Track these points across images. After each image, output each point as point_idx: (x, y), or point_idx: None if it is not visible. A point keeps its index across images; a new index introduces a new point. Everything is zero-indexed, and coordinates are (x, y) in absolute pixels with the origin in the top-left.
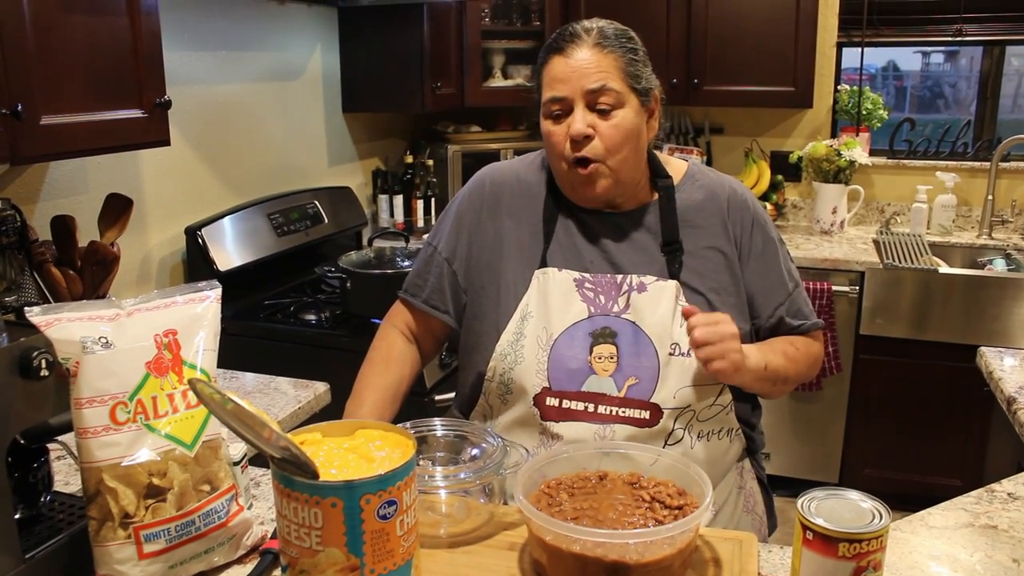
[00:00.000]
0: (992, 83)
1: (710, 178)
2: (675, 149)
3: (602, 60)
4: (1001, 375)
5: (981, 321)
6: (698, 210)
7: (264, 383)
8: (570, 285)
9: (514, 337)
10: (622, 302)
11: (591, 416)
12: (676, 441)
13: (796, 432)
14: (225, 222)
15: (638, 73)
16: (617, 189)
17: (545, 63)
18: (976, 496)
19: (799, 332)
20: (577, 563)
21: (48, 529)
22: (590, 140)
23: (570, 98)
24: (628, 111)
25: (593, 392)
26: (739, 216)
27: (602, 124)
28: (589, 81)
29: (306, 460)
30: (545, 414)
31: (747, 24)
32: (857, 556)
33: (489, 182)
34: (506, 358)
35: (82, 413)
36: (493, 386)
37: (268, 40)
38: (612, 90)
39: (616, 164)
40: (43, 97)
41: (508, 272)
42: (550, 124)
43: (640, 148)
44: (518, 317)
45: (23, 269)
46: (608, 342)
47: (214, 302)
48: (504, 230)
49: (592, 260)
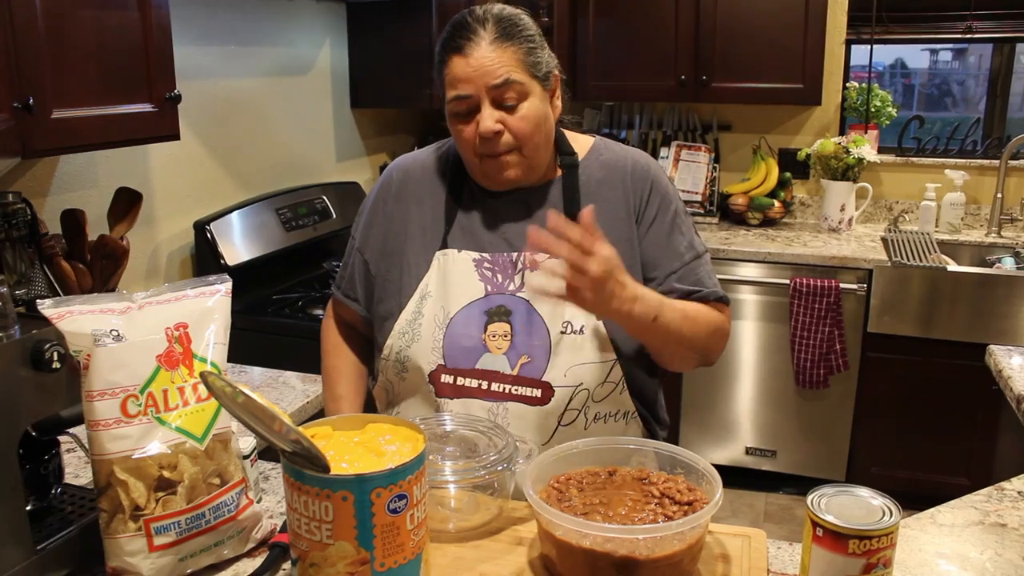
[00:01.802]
0: (1002, 80)
1: (614, 152)
2: (683, 146)
3: (502, 55)
4: (1010, 373)
5: (989, 319)
6: (600, 183)
7: (272, 377)
8: (469, 265)
9: (412, 316)
10: (518, 280)
11: (484, 393)
12: (570, 422)
13: (803, 430)
14: (234, 217)
15: (537, 60)
16: (529, 174)
17: (445, 62)
18: (986, 494)
19: (699, 299)
20: (587, 558)
21: (59, 521)
22: (500, 135)
23: (475, 96)
24: (533, 100)
25: (487, 370)
26: (639, 185)
27: (510, 119)
28: (492, 78)
29: (317, 453)
30: (440, 391)
31: (756, 21)
32: (867, 553)
33: (396, 172)
34: (403, 336)
35: (93, 405)
36: (389, 364)
37: (277, 35)
38: (515, 82)
39: (529, 152)
40: (54, 91)
41: (410, 255)
42: (457, 122)
43: (548, 131)
44: (417, 297)
45: (33, 262)
46: (502, 320)
47: (224, 296)
48: (409, 216)
49: (491, 240)
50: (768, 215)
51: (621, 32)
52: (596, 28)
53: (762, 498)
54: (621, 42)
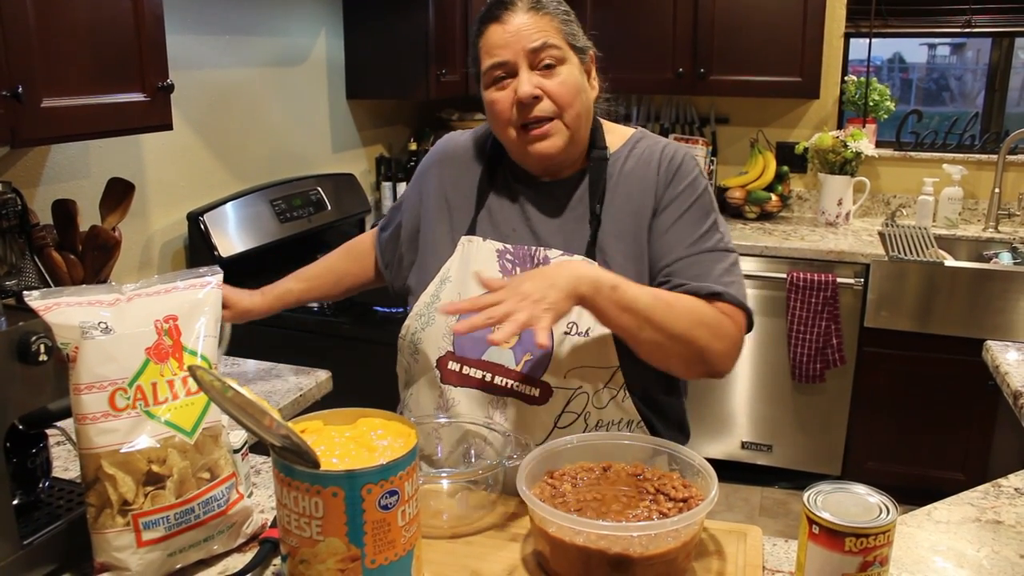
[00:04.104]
0: (1001, 75)
1: (649, 144)
2: (680, 139)
3: (539, 21)
4: (1007, 369)
5: (987, 315)
6: (628, 175)
7: (266, 370)
8: (492, 255)
9: (430, 299)
10: None
11: (487, 385)
12: (567, 424)
13: (799, 424)
14: (227, 208)
15: (574, 32)
16: (570, 148)
17: (481, 34)
18: (983, 491)
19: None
20: (580, 555)
21: (47, 515)
22: (539, 101)
23: (512, 61)
24: (571, 67)
25: (492, 362)
26: (665, 174)
27: (548, 83)
28: (530, 41)
29: (306, 449)
30: (445, 377)
31: (754, 14)
32: (864, 551)
33: (443, 147)
34: (420, 318)
35: (81, 399)
36: (405, 344)
37: (272, 25)
38: (554, 46)
39: (570, 120)
40: (44, 79)
41: (438, 234)
42: (493, 92)
43: (588, 106)
44: (438, 280)
45: (24, 253)
46: None
47: (215, 288)
48: (443, 193)
49: (516, 229)
50: (765, 209)
51: (618, 24)
52: (593, 20)
53: (758, 492)
54: (618, 34)
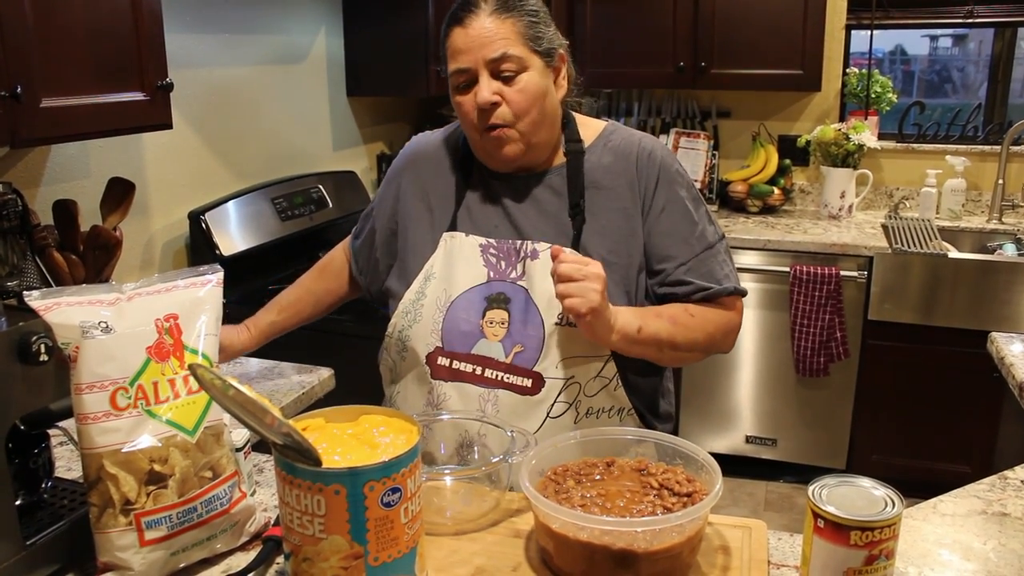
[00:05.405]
0: (1003, 66)
1: (623, 137)
2: (681, 133)
3: (500, 27)
4: (1012, 360)
5: (991, 306)
6: (606, 171)
7: (268, 368)
8: (475, 250)
9: (416, 297)
10: (520, 268)
11: (478, 379)
12: (559, 414)
13: (803, 418)
14: (229, 206)
15: (539, 35)
16: (530, 152)
17: (447, 36)
18: (989, 483)
19: (708, 296)
20: (584, 551)
21: (49, 515)
22: (497, 107)
23: (473, 68)
24: (532, 74)
25: (482, 356)
26: (646, 172)
27: (508, 90)
28: (489, 51)
29: (308, 447)
30: (435, 373)
31: (754, 6)
32: (869, 544)
33: (414, 148)
34: (406, 316)
35: (82, 398)
36: (392, 342)
37: (272, 23)
38: (513, 56)
39: (525, 128)
40: (43, 79)
41: (418, 234)
42: (459, 95)
43: (549, 109)
44: (422, 278)
45: (25, 254)
46: (501, 307)
47: (216, 286)
48: (419, 192)
49: (497, 225)
50: (768, 202)
51: (619, 18)
52: (594, 14)
53: (762, 486)
54: (619, 28)
